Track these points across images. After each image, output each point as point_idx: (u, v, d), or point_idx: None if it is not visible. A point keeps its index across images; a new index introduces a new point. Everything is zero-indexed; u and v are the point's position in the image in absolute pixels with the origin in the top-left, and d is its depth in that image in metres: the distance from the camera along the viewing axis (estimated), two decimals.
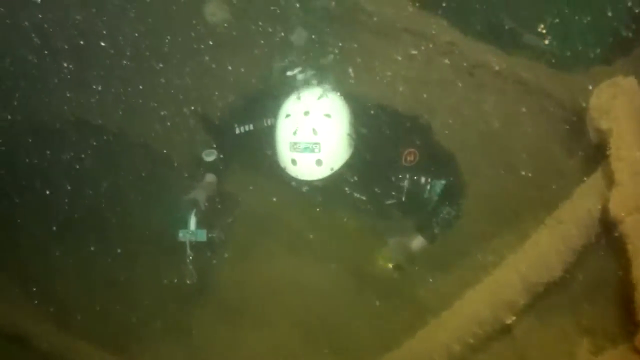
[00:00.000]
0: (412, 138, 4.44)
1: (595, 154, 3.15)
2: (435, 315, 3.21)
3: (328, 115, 4.11)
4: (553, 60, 4.49)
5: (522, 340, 3.22)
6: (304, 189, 4.30)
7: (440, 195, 4.47)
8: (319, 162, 4.09)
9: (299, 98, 4.22)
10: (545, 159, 4.22)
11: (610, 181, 2.83)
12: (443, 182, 4.48)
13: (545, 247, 3.01)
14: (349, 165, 4.24)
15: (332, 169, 4.17)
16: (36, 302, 4.97)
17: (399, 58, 4.75)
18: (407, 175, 4.41)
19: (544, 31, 4.67)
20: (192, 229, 4.39)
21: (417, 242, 4.46)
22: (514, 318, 3.02)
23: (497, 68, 4.28)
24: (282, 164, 4.26)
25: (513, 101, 4.32)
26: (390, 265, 4.43)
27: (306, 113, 4.11)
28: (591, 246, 3.04)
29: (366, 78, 4.83)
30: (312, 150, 4.05)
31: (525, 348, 3.22)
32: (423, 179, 4.44)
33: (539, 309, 3.13)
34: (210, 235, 4.43)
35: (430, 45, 4.58)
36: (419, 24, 4.55)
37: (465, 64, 4.47)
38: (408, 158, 4.32)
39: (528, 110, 4.28)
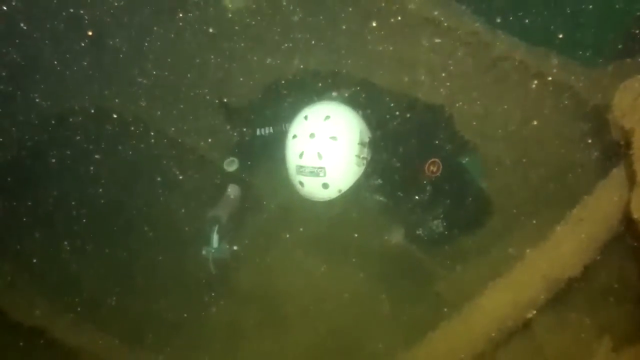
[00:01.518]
0: (434, 138, 4.43)
1: (618, 151, 3.15)
2: (457, 310, 3.22)
3: (334, 138, 3.98)
4: (579, 53, 4.44)
5: (541, 336, 3.24)
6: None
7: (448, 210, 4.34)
8: (325, 186, 4.02)
9: (306, 118, 4.10)
10: (567, 154, 4.19)
11: (631, 181, 2.85)
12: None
13: (566, 244, 3.03)
14: (368, 175, 4.16)
15: (340, 191, 4.08)
16: (55, 294, 4.90)
17: (423, 47, 4.74)
18: (429, 188, 4.27)
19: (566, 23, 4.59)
20: (214, 246, 4.43)
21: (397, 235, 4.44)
22: (534, 313, 3.05)
23: (519, 60, 4.26)
24: (293, 183, 4.18)
25: (535, 94, 4.29)
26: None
27: (312, 135, 3.99)
28: (611, 245, 3.05)
29: (388, 67, 4.84)
30: (317, 175, 3.98)
31: (544, 344, 3.24)
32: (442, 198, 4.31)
33: (558, 306, 3.15)
34: (234, 249, 4.47)
35: (454, 36, 4.57)
36: (444, 14, 4.50)
37: (488, 56, 4.45)
38: (431, 168, 4.21)
39: (550, 104, 4.25)
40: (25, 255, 5.37)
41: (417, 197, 4.30)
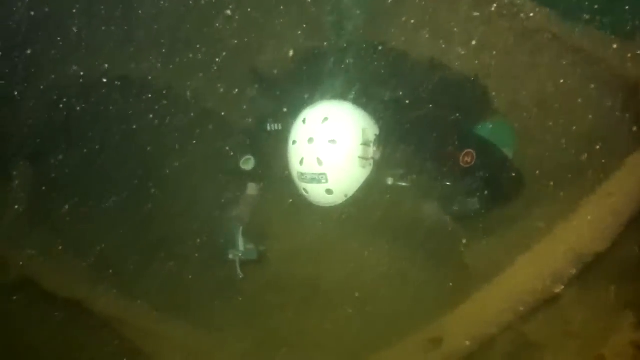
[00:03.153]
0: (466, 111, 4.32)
1: None
2: (486, 282, 3.27)
3: (333, 142, 3.79)
4: (614, 26, 4.38)
5: (568, 311, 3.26)
6: None
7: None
8: (329, 192, 3.88)
9: (304, 121, 3.91)
10: (598, 127, 4.18)
11: None
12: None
13: (595, 218, 3.04)
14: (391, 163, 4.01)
15: (346, 196, 3.94)
16: (92, 265, 5.03)
17: (460, 18, 4.74)
18: (462, 177, 4.06)
19: None
20: (241, 249, 4.41)
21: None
22: (562, 287, 3.08)
23: (554, 33, 4.25)
24: (298, 190, 4.06)
25: (568, 67, 4.29)
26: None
27: (310, 140, 3.81)
28: (638, 220, 3.06)
29: (425, 37, 4.85)
30: (319, 182, 3.83)
31: (571, 319, 3.27)
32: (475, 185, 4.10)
33: (585, 280, 3.17)
34: (261, 249, 4.46)
35: (492, 8, 4.56)
36: None
37: (523, 27, 4.46)
38: (466, 159, 3.95)
39: (583, 77, 4.24)
40: (58, 225, 5.44)
41: (449, 184, 4.10)
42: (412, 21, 4.96)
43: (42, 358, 4.71)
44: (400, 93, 4.22)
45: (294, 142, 3.91)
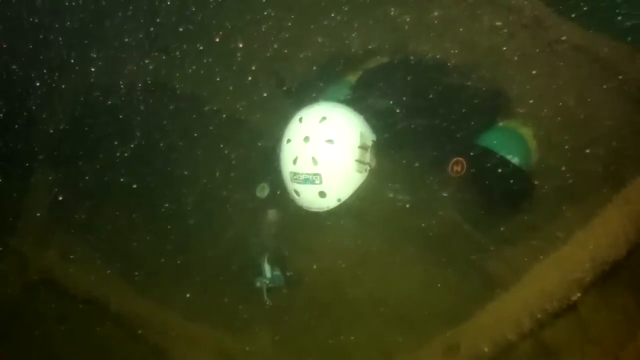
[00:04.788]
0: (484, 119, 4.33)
1: None
2: (505, 289, 3.28)
3: (330, 142, 3.65)
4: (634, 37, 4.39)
5: (586, 318, 3.28)
6: None
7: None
8: (322, 194, 3.73)
9: (300, 120, 3.77)
10: (616, 137, 4.17)
11: None
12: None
13: (613, 226, 3.05)
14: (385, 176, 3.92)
15: (339, 200, 3.79)
16: (111, 265, 5.09)
17: (484, 28, 4.78)
18: (450, 187, 3.96)
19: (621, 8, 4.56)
20: (268, 276, 4.34)
21: None
22: (579, 295, 3.08)
23: (575, 44, 4.27)
24: (289, 193, 3.93)
25: (589, 78, 4.31)
26: None
27: (306, 139, 3.66)
28: None
29: (447, 45, 4.89)
30: (313, 182, 3.67)
31: (589, 325, 3.28)
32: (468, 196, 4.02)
33: (604, 288, 3.19)
34: (288, 274, 4.37)
35: (514, 18, 4.59)
36: None
37: (545, 38, 4.48)
38: (454, 168, 3.85)
39: (603, 87, 4.25)
40: (80, 227, 5.55)
41: (444, 195, 3.99)
42: (438, 29, 4.95)
43: (61, 356, 4.85)
44: (405, 99, 4.14)
45: (289, 141, 3.77)
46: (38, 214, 5.57)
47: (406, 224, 4.12)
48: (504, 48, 4.69)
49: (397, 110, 4.07)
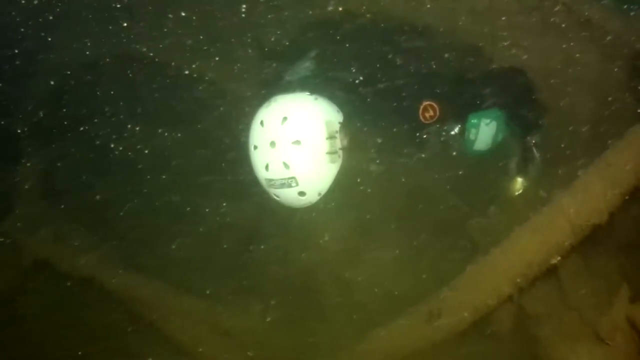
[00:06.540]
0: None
1: None
2: (485, 252, 3.25)
3: (297, 142, 3.52)
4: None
5: (567, 283, 3.27)
6: None
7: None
8: (301, 194, 3.62)
9: (262, 123, 3.61)
10: (602, 98, 4.06)
11: None
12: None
13: (593, 189, 3.01)
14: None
15: (319, 194, 3.70)
16: (104, 243, 5.06)
17: None
18: (430, 131, 3.80)
19: None
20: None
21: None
22: (559, 258, 3.05)
23: (563, 2, 4.18)
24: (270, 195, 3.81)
25: (576, 38, 4.22)
26: None
27: (272, 144, 3.53)
28: (638, 192, 3.02)
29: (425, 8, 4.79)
30: (290, 186, 3.57)
31: (569, 291, 3.27)
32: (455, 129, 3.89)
33: (584, 252, 3.17)
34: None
35: None
36: None
37: None
38: (426, 114, 3.72)
39: (589, 48, 4.16)
40: (71, 207, 5.48)
41: (422, 155, 3.87)
42: None
43: (58, 336, 4.83)
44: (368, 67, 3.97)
45: (255, 147, 3.64)
46: (27, 194, 5.55)
47: (385, 192, 4.02)
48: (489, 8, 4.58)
49: (362, 78, 3.92)
